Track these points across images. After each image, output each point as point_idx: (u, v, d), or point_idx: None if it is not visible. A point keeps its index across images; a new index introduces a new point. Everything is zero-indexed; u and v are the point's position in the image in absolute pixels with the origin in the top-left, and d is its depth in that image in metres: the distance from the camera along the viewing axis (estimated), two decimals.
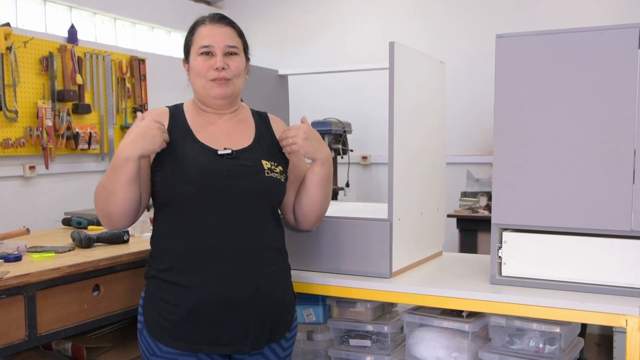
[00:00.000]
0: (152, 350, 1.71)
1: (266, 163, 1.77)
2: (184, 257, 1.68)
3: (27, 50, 3.69)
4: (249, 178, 1.72)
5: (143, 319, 1.75)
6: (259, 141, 1.83)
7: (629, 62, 1.74)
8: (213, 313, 1.66)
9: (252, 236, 1.71)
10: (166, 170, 1.70)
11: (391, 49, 1.98)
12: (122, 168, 1.63)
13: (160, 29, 5.02)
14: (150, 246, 1.79)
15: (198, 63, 1.77)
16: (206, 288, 1.66)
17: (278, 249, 1.80)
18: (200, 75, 1.77)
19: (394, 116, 1.99)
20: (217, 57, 1.76)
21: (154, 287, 1.73)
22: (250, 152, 1.78)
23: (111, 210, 1.69)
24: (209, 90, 1.77)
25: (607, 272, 1.81)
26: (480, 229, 3.91)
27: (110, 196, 1.67)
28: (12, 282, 1.78)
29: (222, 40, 1.77)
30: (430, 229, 2.33)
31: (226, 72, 1.76)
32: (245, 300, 1.68)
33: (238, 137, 1.81)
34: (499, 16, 4.67)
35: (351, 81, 5.00)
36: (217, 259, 1.67)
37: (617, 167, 1.77)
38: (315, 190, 1.85)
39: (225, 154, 1.74)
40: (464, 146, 4.80)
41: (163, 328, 1.69)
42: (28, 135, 3.65)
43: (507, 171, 1.91)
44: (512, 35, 1.88)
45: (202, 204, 1.68)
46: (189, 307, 1.66)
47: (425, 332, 2.07)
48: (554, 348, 1.92)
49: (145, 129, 1.63)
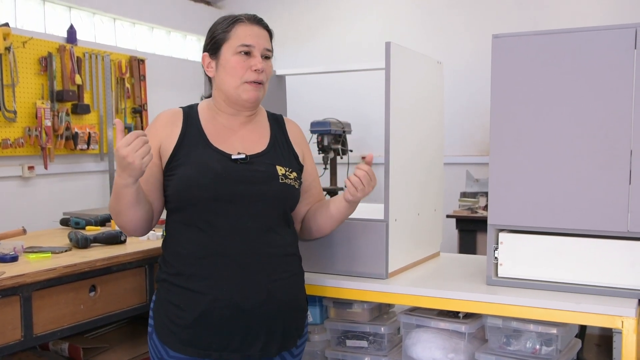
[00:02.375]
0: (160, 355, 1.70)
1: (280, 169, 1.73)
2: (195, 262, 1.66)
3: (26, 50, 3.69)
4: (263, 184, 1.69)
5: (153, 323, 1.73)
6: (274, 146, 1.79)
7: (625, 63, 1.74)
8: (222, 319, 1.64)
9: (265, 242, 1.68)
10: (179, 175, 1.67)
11: (387, 49, 1.97)
12: (122, 194, 1.60)
13: (160, 29, 5.02)
14: (162, 249, 1.78)
15: (235, 61, 1.71)
16: (216, 293, 1.64)
17: (291, 254, 1.77)
18: (236, 75, 1.72)
19: (390, 116, 1.98)
20: (257, 58, 1.72)
21: (165, 290, 1.71)
22: (264, 157, 1.75)
23: (124, 226, 1.70)
24: (241, 92, 1.73)
25: (603, 273, 1.80)
26: (480, 229, 3.90)
27: (118, 216, 1.67)
28: (8, 282, 1.78)
29: (262, 42, 1.74)
30: (427, 230, 2.32)
31: (262, 75, 1.73)
32: (255, 307, 1.65)
33: (253, 142, 1.78)
34: (499, 16, 4.66)
35: (351, 81, 5.00)
36: (228, 265, 1.65)
37: (613, 167, 1.76)
38: (337, 222, 1.86)
39: (238, 159, 1.71)
40: (463, 146, 4.80)
41: (172, 332, 1.67)
42: (27, 135, 3.66)
43: (504, 172, 1.91)
44: (509, 36, 1.87)
45: (215, 210, 1.66)
46: (198, 312, 1.64)
47: (421, 333, 2.07)
48: (550, 349, 1.92)
49: (120, 161, 1.53)
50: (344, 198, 1.78)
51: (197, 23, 5.24)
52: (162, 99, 4.66)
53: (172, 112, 1.79)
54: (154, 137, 1.72)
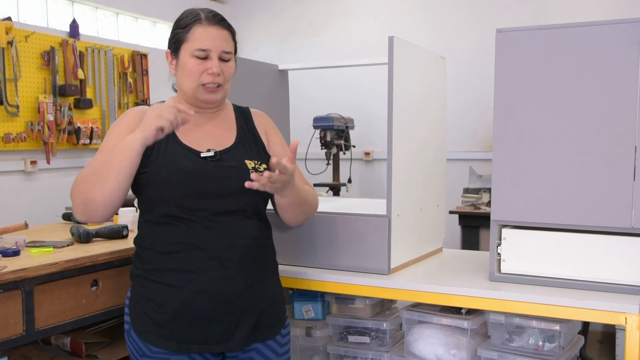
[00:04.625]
0: (141, 351, 1.69)
1: (250, 162, 1.74)
2: (171, 257, 1.67)
3: (29, 44, 3.68)
4: (234, 179, 1.69)
5: (130, 320, 1.73)
6: (242, 140, 1.80)
7: (629, 58, 1.72)
8: (202, 311, 1.65)
9: (240, 235, 1.70)
10: (150, 174, 1.67)
11: (390, 43, 1.96)
12: (125, 151, 1.56)
13: (163, 23, 5.01)
14: (134, 245, 1.77)
15: (191, 65, 1.72)
16: (194, 287, 1.65)
17: (265, 246, 1.79)
18: (192, 78, 1.73)
19: (393, 111, 1.97)
20: (214, 61, 1.71)
21: (140, 286, 1.72)
22: (233, 153, 1.76)
23: (96, 197, 1.58)
24: (199, 94, 1.74)
25: (607, 269, 1.79)
26: (483, 225, 3.88)
27: (99, 182, 1.57)
28: (10, 276, 1.78)
29: (219, 44, 1.72)
30: (429, 226, 2.32)
31: (220, 77, 1.73)
32: (234, 298, 1.67)
33: (221, 137, 1.78)
34: (503, 10, 4.64)
35: (353, 76, 4.98)
36: (204, 258, 1.66)
37: (617, 163, 1.75)
38: (285, 209, 1.78)
39: (208, 156, 1.72)
40: (466, 142, 4.78)
41: (151, 328, 1.67)
42: (29, 129, 3.65)
43: (507, 167, 1.90)
44: (512, 30, 1.86)
45: (188, 206, 1.66)
46: (177, 306, 1.65)
47: (424, 329, 2.06)
48: (553, 346, 1.91)
49: (155, 119, 1.56)
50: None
51: None
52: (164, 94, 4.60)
53: (140, 109, 1.79)
54: (125, 132, 1.68)
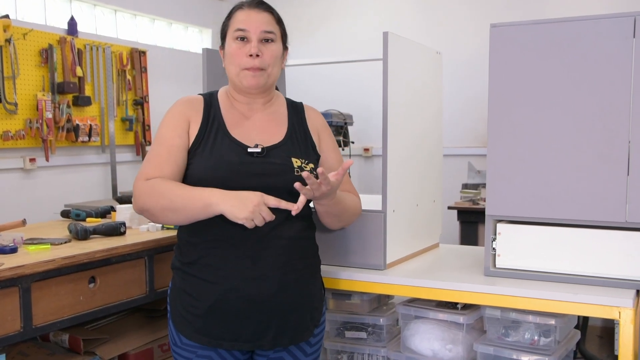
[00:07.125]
0: (174, 341, 1.73)
1: (296, 161, 1.71)
2: (208, 252, 1.66)
3: (27, 42, 3.69)
4: (277, 177, 1.67)
5: (170, 309, 1.76)
6: (291, 137, 1.77)
7: (624, 52, 1.72)
8: (234, 309, 1.64)
9: (277, 234, 1.67)
10: (195, 165, 1.67)
11: (385, 39, 1.96)
12: (200, 211, 1.59)
13: (161, 20, 5.01)
14: (177, 237, 1.78)
15: (232, 49, 1.71)
16: (229, 284, 1.64)
17: (304, 246, 1.75)
18: (235, 63, 1.71)
19: (388, 107, 1.98)
20: (252, 42, 1.70)
21: (179, 278, 1.73)
22: (280, 149, 1.72)
23: (157, 215, 1.65)
24: (242, 79, 1.72)
25: (601, 263, 1.80)
26: (481, 221, 3.88)
27: (167, 211, 1.62)
28: (7, 273, 1.79)
29: (258, 25, 1.71)
30: (426, 221, 2.32)
31: (260, 60, 1.70)
32: (267, 297, 1.64)
33: (270, 132, 1.76)
34: (501, 6, 4.64)
35: (352, 73, 4.99)
36: (239, 256, 1.64)
37: (611, 158, 1.75)
38: (326, 216, 1.79)
39: (254, 152, 1.69)
40: (465, 138, 4.78)
41: (185, 321, 1.69)
42: (28, 127, 3.66)
43: (502, 162, 1.90)
44: (506, 25, 1.86)
45: None
46: (211, 302, 1.65)
47: (420, 324, 2.07)
48: (549, 340, 1.91)
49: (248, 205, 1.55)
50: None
51: (199, 15, 5.23)
52: (163, 91, 4.65)
53: (191, 98, 1.78)
54: (182, 116, 1.71)
